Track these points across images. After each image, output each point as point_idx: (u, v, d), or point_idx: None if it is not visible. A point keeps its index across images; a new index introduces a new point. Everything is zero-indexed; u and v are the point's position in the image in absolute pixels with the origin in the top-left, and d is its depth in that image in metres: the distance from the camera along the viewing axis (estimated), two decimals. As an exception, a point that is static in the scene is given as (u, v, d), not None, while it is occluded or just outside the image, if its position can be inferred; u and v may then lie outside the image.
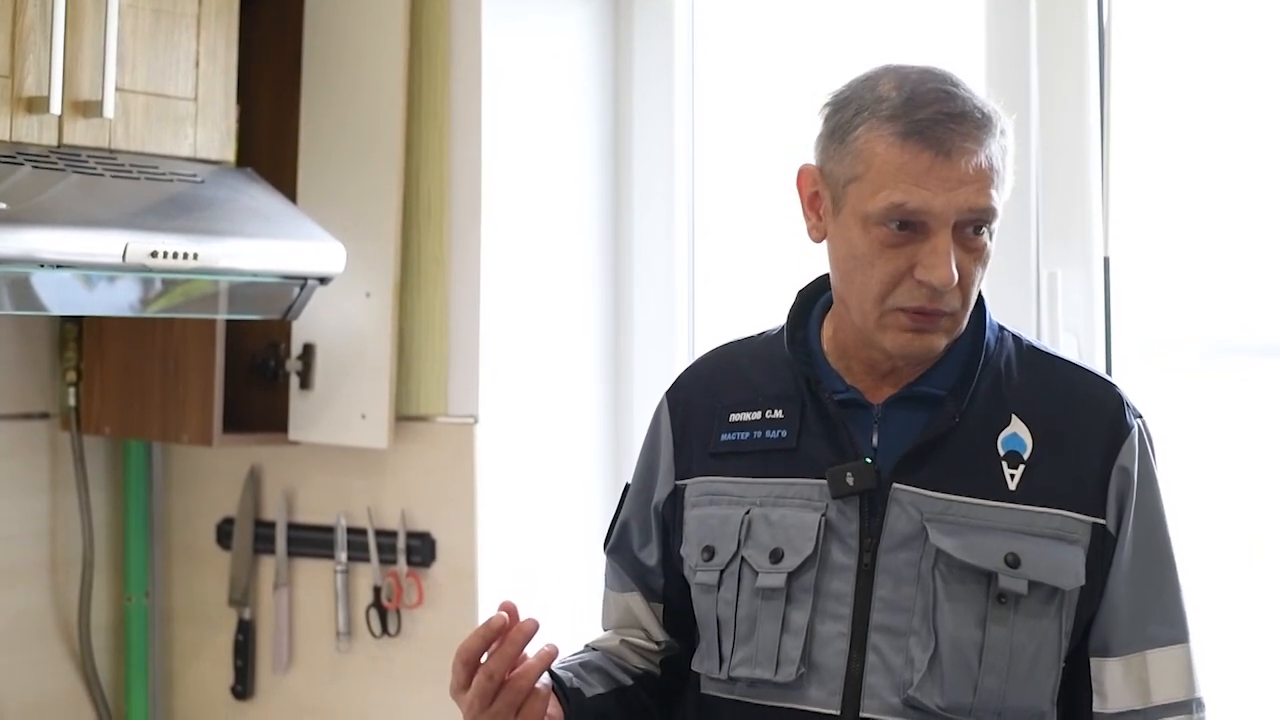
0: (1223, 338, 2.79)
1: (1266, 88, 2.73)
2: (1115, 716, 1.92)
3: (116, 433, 3.25)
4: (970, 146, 1.82)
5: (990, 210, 1.84)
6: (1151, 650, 1.91)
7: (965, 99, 1.84)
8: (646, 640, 2.12)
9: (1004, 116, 1.88)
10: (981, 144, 1.83)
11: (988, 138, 1.84)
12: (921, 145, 1.82)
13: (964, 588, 1.86)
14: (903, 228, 1.84)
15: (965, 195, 1.82)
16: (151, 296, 2.71)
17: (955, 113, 1.83)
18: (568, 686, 1.99)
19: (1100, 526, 1.89)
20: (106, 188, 2.63)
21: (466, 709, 1.90)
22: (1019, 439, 1.91)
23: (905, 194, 1.82)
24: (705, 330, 3.24)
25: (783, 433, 1.98)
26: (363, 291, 3.07)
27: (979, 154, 1.82)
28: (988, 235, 1.87)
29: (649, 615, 2.12)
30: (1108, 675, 1.92)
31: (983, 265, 1.88)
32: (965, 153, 1.82)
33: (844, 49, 3.05)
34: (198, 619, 3.41)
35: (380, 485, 3.15)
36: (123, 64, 2.69)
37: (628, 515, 2.14)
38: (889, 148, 1.83)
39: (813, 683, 1.89)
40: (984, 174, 1.83)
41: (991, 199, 1.84)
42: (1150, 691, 1.91)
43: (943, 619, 1.86)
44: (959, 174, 1.82)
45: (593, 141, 3.27)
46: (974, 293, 1.90)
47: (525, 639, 1.87)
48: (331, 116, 3.13)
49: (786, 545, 1.92)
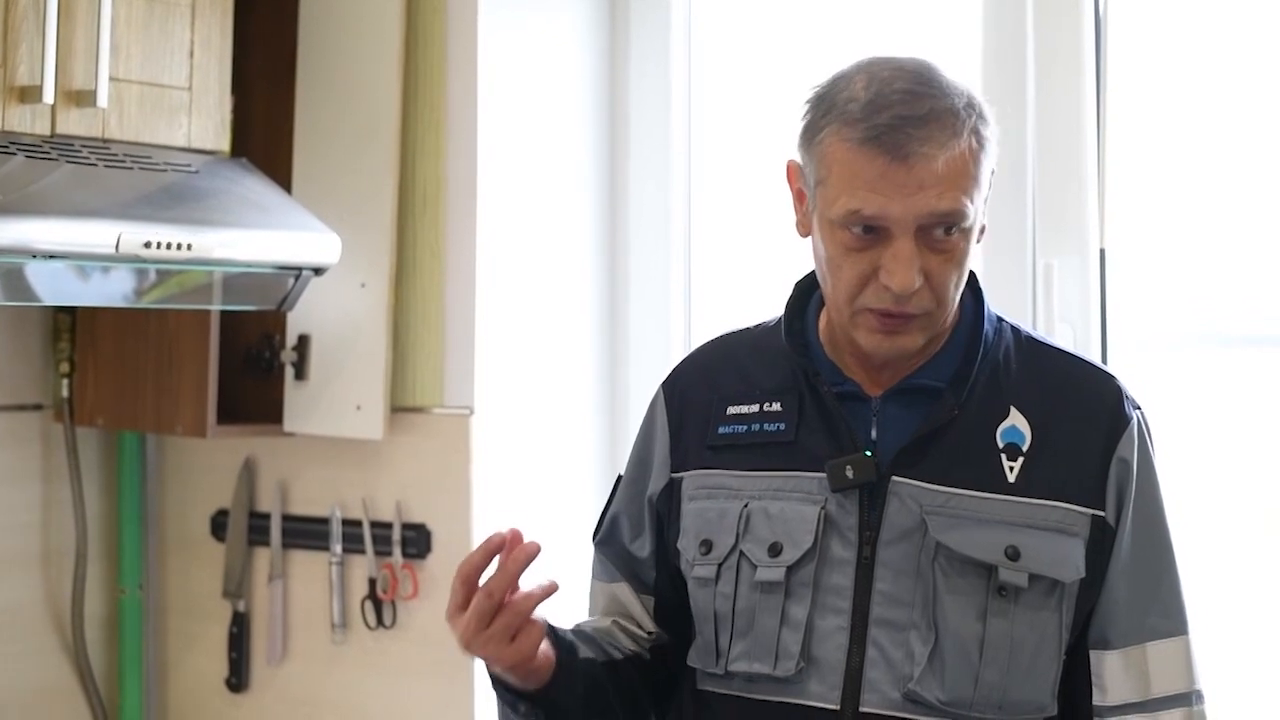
0: (1218, 329, 2.79)
1: (1262, 80, 2.73)
2: (1116, 709, 1.91)
3: (110, 424, 3.24)
4: (929, 151, 1.79)
5: (955, 213, 1.81)
6: (1151, 642, 1.91)
7: (932, 98, 1.81)
8: (637, 628, 2.11)
9: (984, 106, 1.86)
10: (944, 146, 1.79)
11: (952, 139, 1.80)
12: (877, 151, 1.80)
13: (964, 581, 1.86)
14: (866, 231, 1.83)
15: (925, 200, 1.80)
16: (145, 287, 2.70)
17: (915, 116, 1.80)
18: (562, 637, 1.97)
19: (1100, 518, 1.89)
20: (100, 178, 2.62)
21: (463, 629, 1.86)
22: (1018, 431, 1.91)
23: (862, 201, 1.81)
24: (701, 322, 3.23)
25: (781, 425, 1.97)
26: (358, 282, 3.06)
27: (939, 158, 1.79)
28: (961, 234, 1.83)
29: (639, 607, 2.11)
30: (1108, 668, 1.91)
31: (956, 264, 1.85)
32: (924, 158, 1.79)
33: (841, 42, 3.05)
34: (192, 611, 3.41)
35: (375, 477, 3.15)
36: (116, 53, 2.68)
37: (619, 508, 2.13)
38: (847, 153, 1.82)
39: (812, 677, 1.89)
40: (947, 177, 1.80)
41: (956, 202, 1.80)
42: (1150, 683, 1.90)
43: (943, 612, 1.85)
44: (917, 179, 1.79)
45: (589, 132, 3.27)
46: (950, 291, 1.87)
47: (528, 559, 1.84)
48: (327, 106, 3.12)
49: (785, 539, 1.91)
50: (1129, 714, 1.91)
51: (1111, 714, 1.91)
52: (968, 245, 1.86)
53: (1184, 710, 1.91)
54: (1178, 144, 2.80)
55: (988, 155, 1.86)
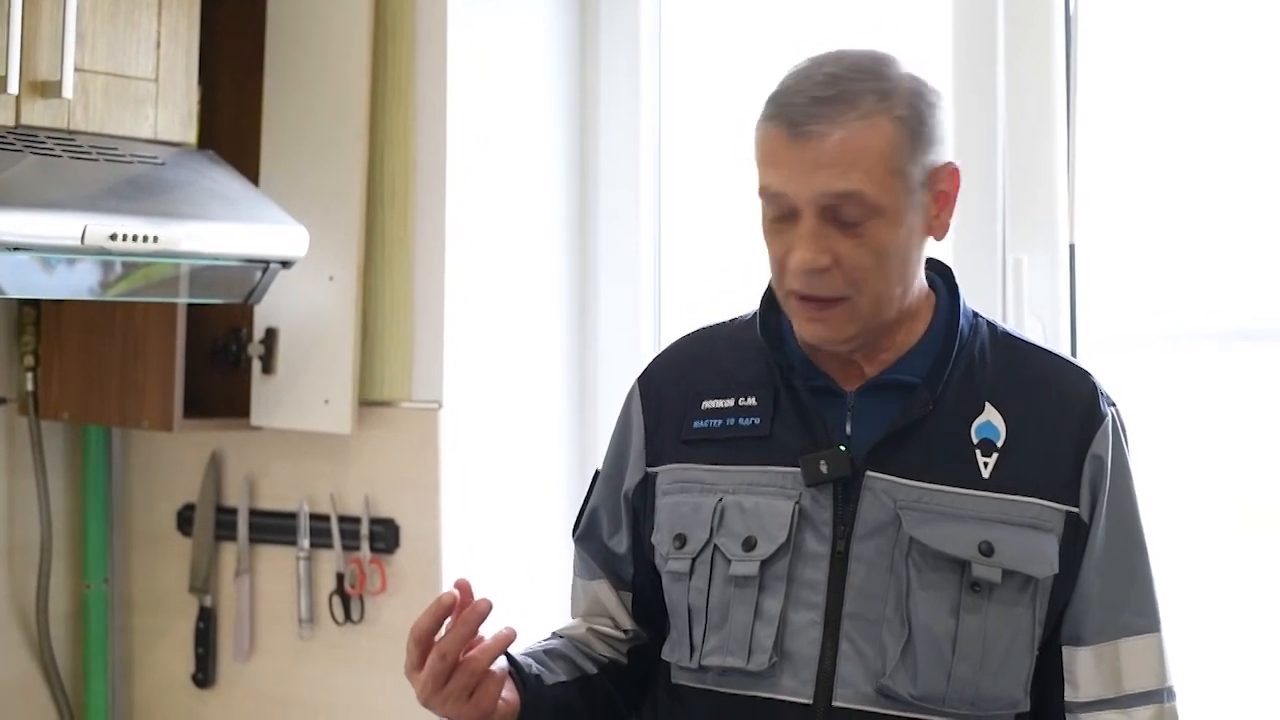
0: (1187, 324, 2.80)
1: (1232, 76, 2.74)
2: (1087, 705, 1.91)
3: (75, 418, 3.22)
4: (824, 129, 1.80)
5: (854, 195, 1.80)
6: (1124, 639, 1.91)
7: (850, 81, 1.82)
8: (614, 629, 2.11)
9: (927, 99, 1.85)
10: (843, 126, 1.80)
11: (858, 120, 1.80)
12: (779, 125, 1.83)
13: (937, 576, 1.86)
14: (779, 211, 1.85)
15: (822, 178, 1.81)
16: (111, 280, 2.68)
17: (823, 96, 1.81)
18: (527, 673, 1.97)
19: (1074, 515, 1.89)
20: (65, 169, 2.60)
21: (420, 689, 1.88)
22: (992, 427, 1.91)
23: (768, 176, 1.85)
24: (671, 316, 3.23)
25: (756, 420, 1.97)
26: (326, 275, 3.05)
27: (833, 135, 1.80)
28: (881, 221, 1.82)
29: (617, 604, 2.10)
30: (1080, 664, 1.92)
31: (873, 252, 1.84)
32: (818, 135, 1.80)
33: (811, 39, 3.04)
34: (158, 606, 3.39)
35: (343, 471, 3.14)
36: (82, 43, 2.66)
37: (597, 502, 2.12)
38: (761, 130, 1.87)
39: (785, 671, 1.89)
40: (845, 157, 1.80)
41: (856, 183, 1.80)
42: (1122, 680, 1.91)
43: (916, 607, 1.85)
44: (814, 156, 1.81)
45: (559, 125, 3.26)
46: (871, 280, 1.85)
47: (479, 619, 1.85)
48: (295, 98, 3.11)
49: (760, 533, 1.91)
50: (1101, 710, 1.91)
51: (1083, 710, 1.92)
52: (891, 235, 1.84)
53: (1156, 707, 1.91)
54: (1147, 140, 2.81)
55: (917, 145, 1.84)
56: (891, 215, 1.83)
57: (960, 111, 2.85)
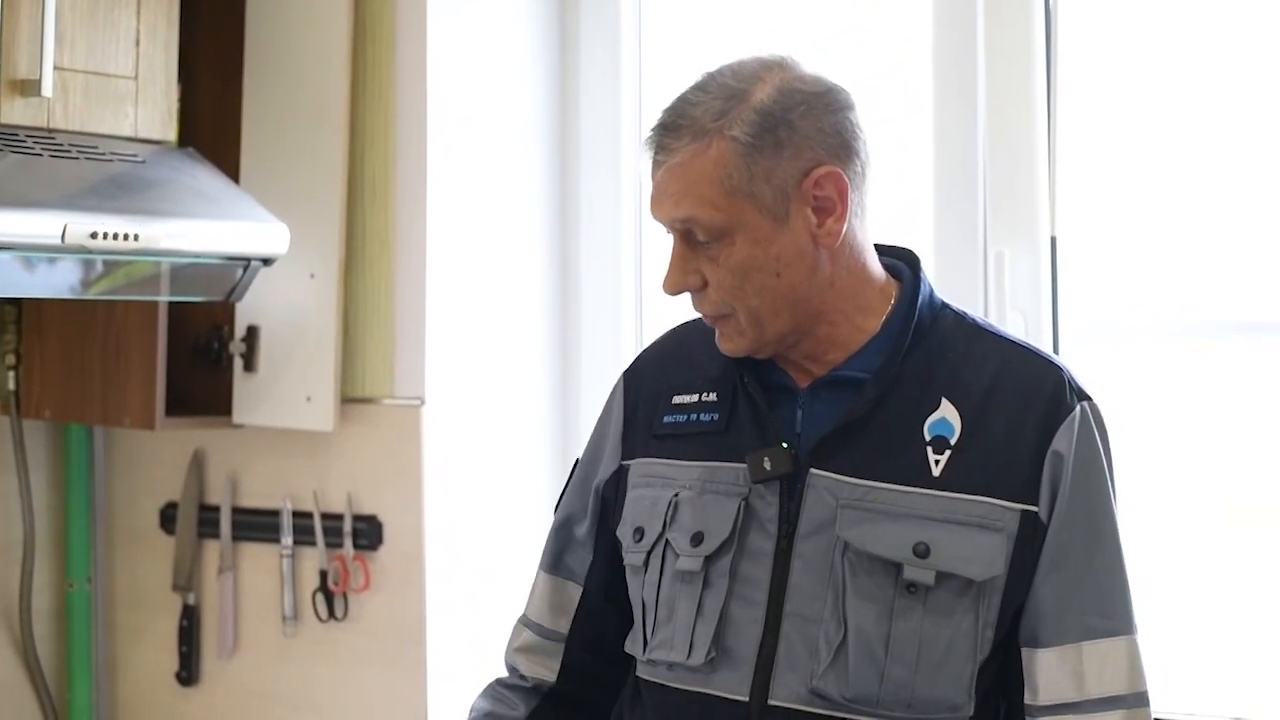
0: (1170, 317, 2.79)
1: (1212, 68, 2.73)
2: (1046, 710, 1.88)
3: (57, 416, 3.21)
4: (662, 158, 1.86)
5: (692, 219, 1.85)
6: (1088, 642, 1.87)
7: (690, 105, 1.86)
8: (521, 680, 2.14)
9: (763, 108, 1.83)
10: (677, 153, 1.84)
11: (688, 145, 1.84)
12: (647, 151, 1.89)
13: (871, 579, 1.85)
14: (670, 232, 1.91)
15: (666, 205, 1.87)
16: (92, 278, 2.68)
17: (665, 124, 1.88)
18: None
19: (1031, 514, 1.86)
20: (45, 168, 2.59)
21: None
22: (947, 424, 1.89)
23: None
24: (652, 313, 3.23)
25: (715, 416, 1.98)
26: (307, 273, 3.04)
27: (668, 163, 1.85)
28: (730, 241, 1.84)
29: (560, 600, 2.12)
30: (1039, 667, 1.88)
31: (732, 271, 1.85)
32: (658, 165, 1.87)
33: (791, 37, 3.04)
34: (141, 604, 3.38)
35: (326, 468, 3.13)
36: (61, 42, 2.65)
37: (572, 490, 2.14)
38: None
39: (724, 667, 1.89)
40: (679, 184, 1.84)
41: (690, 209, 1.84)
42: (1085, 684, 1.86)
43: (851, 608, 1.85)
44: (660, 183, 1.87)
45: (540, 121, 3.25)
46: (741, 297, 1.87)
47: None
48: (275, 96, 3.10)
49: (707, 529, 1.92)
50: (1061, 714, 1.87)
51: (1042, 714, 1.88)
52: (743, 252, 1.85)
53: (1122, 713, 1.86)
54: (1128, 132, 2.81)
55: (757, 160, 1.83)
56: (746, 234, 1.85)
57: (940, 106, 2.86)
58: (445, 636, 3.03)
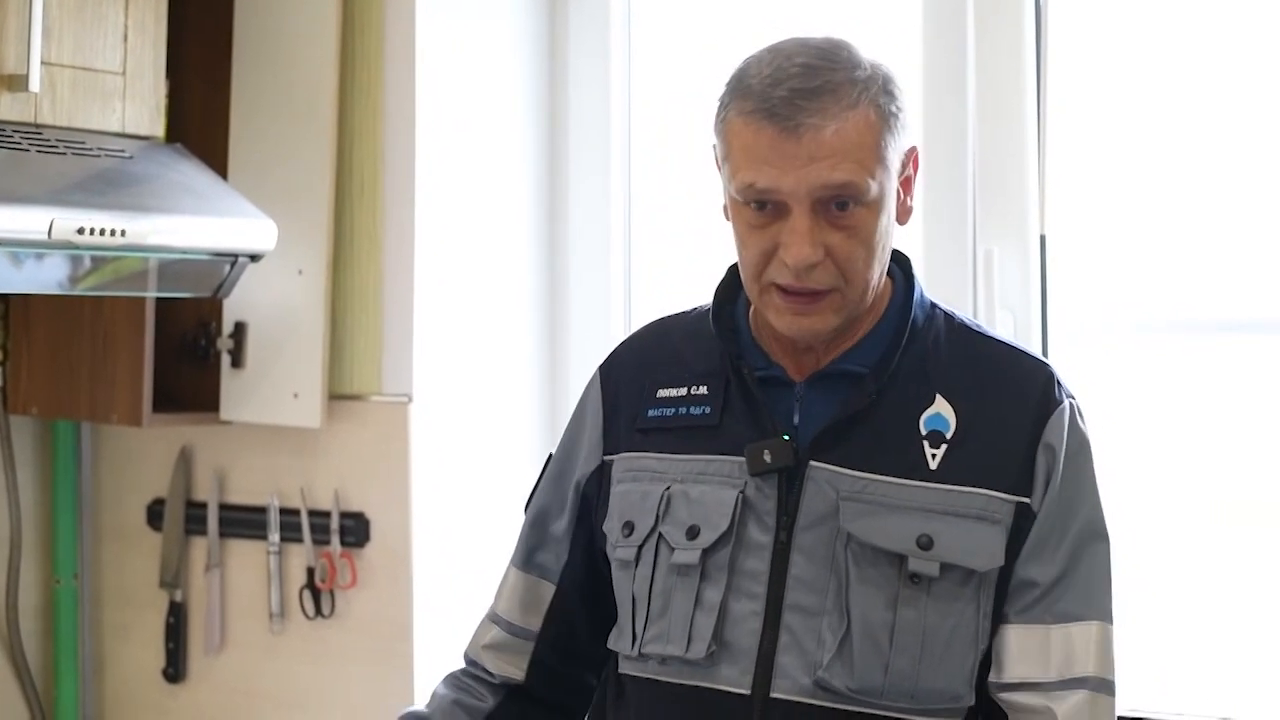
0: (1159, 315, 2.79)
1: (1202, 67, 2.74)
2: (1009, 687, 1.87)
3: (44, 413, 3.21)
4: (818, 122, 1.79)
5: (849, 185, 1.81)
6: (1058, 625, 1.86)
7: (830, 71, 1.81)
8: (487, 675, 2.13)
9: (895, 84, 1.86)
10: (835, 117, 1.79)
11: (847, 110, 1.80)
12: (767, 122, 1.81)
13: (875, 569, 1.85)
14: (763, 207, 1.84)
15: (817, 172, 1.80)
16: (80, 274, 2.67)
17: (808, 89, 1.80)
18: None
19: (1024, 505, 1.87)
20: (32, 163, 2.58)
21: None
22: (942, 419, 1.90)
23: (755, 173, 1.82)
24: (640, 309, 3.23)
25: (706, 409, 1.97)
26: (295, 269, 3.04)
27: (827, 128, 1.79)
28: (867, 210, 1.83)
29: (534, 596, 2.11)
30: (1007, 644, 1.87)
31: (862, 241, 1.84)
32: (813, 129, 1.79)
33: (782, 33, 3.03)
34: (128, 601, 3.38)
35: (313, 465, 3.13)
36: (49, 37, 2.64)
37: (546, 485, 2.14)
38: (742, 127, 1.84)
39: (724, 661, 1.88)
40: (840, 148, 1.80)
41: (851, 173, 1.80)
42: (1050, 664, 1.86)
43: (854, 600, 1.85)
44: (808, 151, 1.80)
45: (529, 117, 3.25)
46: (859, 268, 1.85)
47: None
48: (263, 92, 3.09)
49: (703, 522, 1.91)
50: (1020, 692, 1.86)
51: (1004, 690, 1.87)
52: (876, 222, 1.85)
53: (1085, 694, 1.85)
54: (1118, 131, 2.81)
55: (894, 131, 1.84)
56: (879, 203, 1.84)
57: (930, 103, 2.85)
58: (432, 633, 3.03)
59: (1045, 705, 1.85)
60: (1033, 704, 1.86)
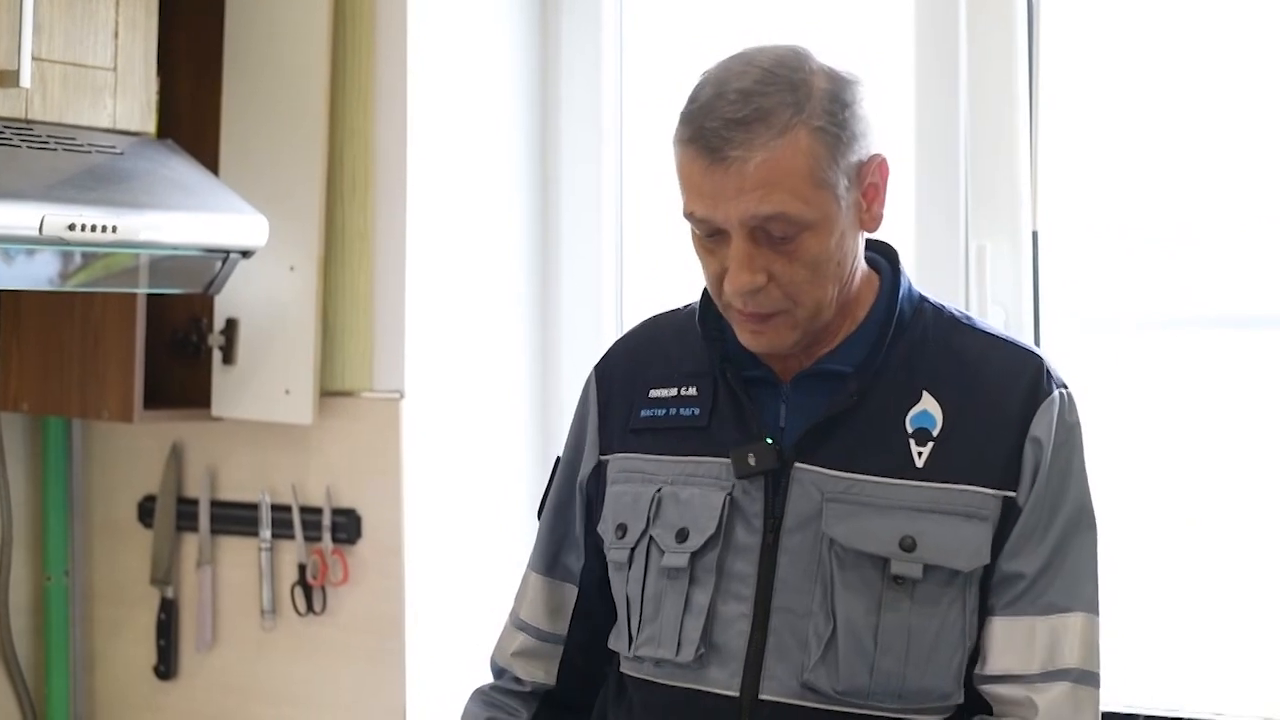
0: (1150, 311, 2.80)
1: (1194, 64, 2.74)
2: (993, 679, 1.87)
3: (35, 409, 3.20)
4: (744, 154, 1.77)
5: (781, 215, 1.78)
6: (1042, 616, 1.86)
7: (763, 97, 1.78)
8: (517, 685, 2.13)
9: (845, 95, 1.82)
10: (763, 148, 1.77)
11: (776, 138, 1.77)
12: (698, 152, 1.80)
13: (858, 573, 1.85)
14: (708, 231, 1.83)
15: (745, 204, 1.78)
16: (71, 270, 2.66)
17: (737, 118, 1.78)
18: None
19: (1010, 499, 1.87)
20: (22, 159, 2.58)
21: None
22: (929, 416, 1.89)
23: (693, 202, 1.83)
24: (632, 306, 3.22)
25: (695, 410, 1.97)
26: (286, 265, 3.03)
27: (752, 159, 1.77)
28: (810, 234, 1.80)
29: (557, 602, 2.11)
30: (992, 636, 1.88)
31: (806, 265, 1.82)
32: (739, 161, 1.77)
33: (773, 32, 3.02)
34: (119, 598, 3.37)
35: (305, 461, 3.12)
36: (40, 33, 2.63)
37: (556, 488, 2.13)
38: (681, 154, 1.84)
39: (713, 663, 1.89)
40: (768, 179, 1.77)
41: (780, 204, 1.78)
42: (1034, 657, 1.86)
43: (839, 602, 1.84)
44: (734, 183, 1.78)
45: (520, 114, 3.25)
46: (807, 290, 1.84)
47: None
48: (254, 88, 3.09)
49: (692, 525, 1.91)
50: (1006, 684, 1.86)
51: (987, 683, 1.88)
52: (822, 244, 1.82)
53: (1069, 685, 1.85)
54: (1110, 127, 2.81)
55: (837, 150, 1.81)
56: (821, 226, 1.82)
57: (922, 99, 2.86)
58: (424, 630, 3.03)
59: (1027, 696, 1.85)
60: (1015, 695, 1.86)
